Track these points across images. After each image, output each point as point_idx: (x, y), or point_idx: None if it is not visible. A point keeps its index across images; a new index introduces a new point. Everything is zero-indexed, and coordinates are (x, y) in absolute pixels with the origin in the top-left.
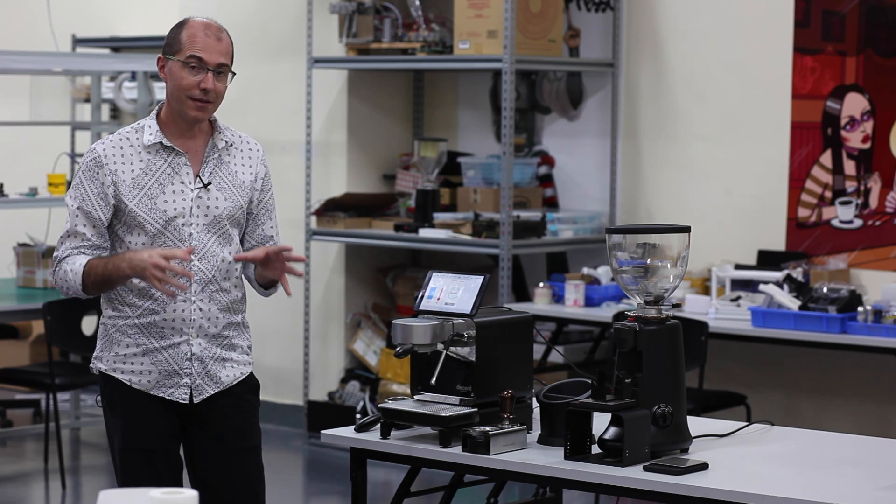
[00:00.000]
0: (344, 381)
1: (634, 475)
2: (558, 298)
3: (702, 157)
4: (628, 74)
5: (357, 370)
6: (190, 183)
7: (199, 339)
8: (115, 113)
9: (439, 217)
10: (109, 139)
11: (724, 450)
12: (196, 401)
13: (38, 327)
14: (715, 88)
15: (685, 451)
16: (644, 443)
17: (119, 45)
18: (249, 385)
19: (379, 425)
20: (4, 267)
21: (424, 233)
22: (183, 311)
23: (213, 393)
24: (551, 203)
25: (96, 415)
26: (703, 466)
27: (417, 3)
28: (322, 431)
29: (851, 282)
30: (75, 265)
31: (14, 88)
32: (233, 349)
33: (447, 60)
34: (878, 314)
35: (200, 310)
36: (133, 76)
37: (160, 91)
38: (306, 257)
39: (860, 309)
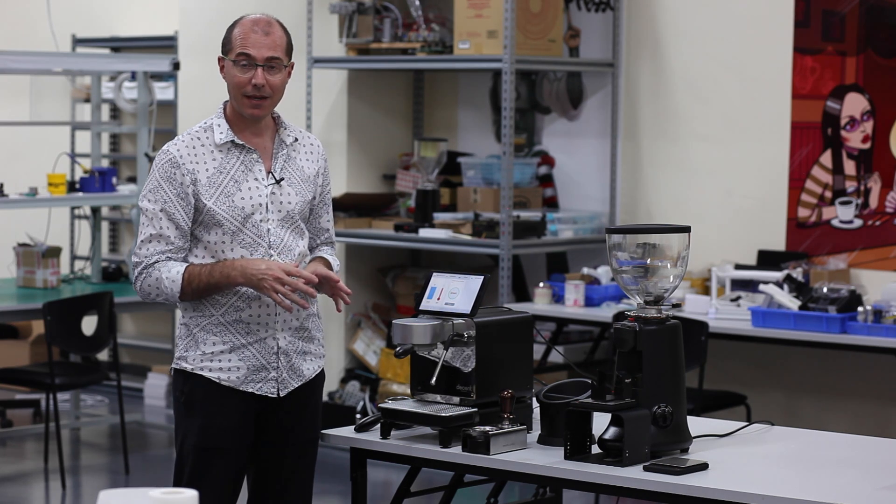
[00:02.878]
0: (344, 381)
1: (634, 475)
2: (558, 298)
3: (702, 157)
4: (628, 74)
5: (357, 370)
6: (263, 179)
7: (283, 333)
8: (115, 113)
9: (439, 217)
10: (181, 139)
11: (724, 450)
12: (282, 394)
13: (38, 327)
14: (715, 88)
15: (685, 451)
16: (644, 443)
17: (119, 45)
18: (321, 378)
19: (379, 425)
20: (4, 267)
21: (424, 233)
22: (268, 305)
23: (296, 386)
24: (551, 203)
25: (96, 415)
26: (703, 466)
27: (417, 3)
28: (322, 431)
29: (851, 282)
30: (171, 273)
31: (14, 88)
32: (311, 341)
33: (447, 60)
34: (878, 314)
35: None
36: (133, 76)
37: (160, 91)
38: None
39: (860, 309)
